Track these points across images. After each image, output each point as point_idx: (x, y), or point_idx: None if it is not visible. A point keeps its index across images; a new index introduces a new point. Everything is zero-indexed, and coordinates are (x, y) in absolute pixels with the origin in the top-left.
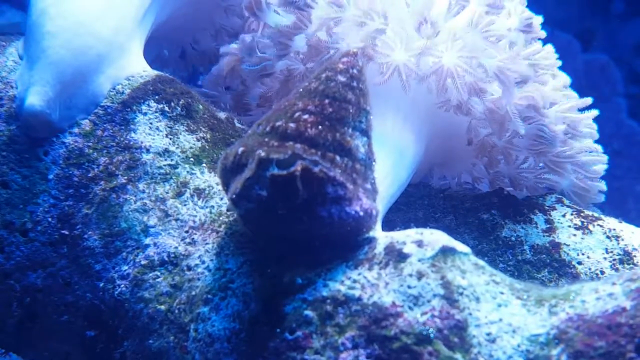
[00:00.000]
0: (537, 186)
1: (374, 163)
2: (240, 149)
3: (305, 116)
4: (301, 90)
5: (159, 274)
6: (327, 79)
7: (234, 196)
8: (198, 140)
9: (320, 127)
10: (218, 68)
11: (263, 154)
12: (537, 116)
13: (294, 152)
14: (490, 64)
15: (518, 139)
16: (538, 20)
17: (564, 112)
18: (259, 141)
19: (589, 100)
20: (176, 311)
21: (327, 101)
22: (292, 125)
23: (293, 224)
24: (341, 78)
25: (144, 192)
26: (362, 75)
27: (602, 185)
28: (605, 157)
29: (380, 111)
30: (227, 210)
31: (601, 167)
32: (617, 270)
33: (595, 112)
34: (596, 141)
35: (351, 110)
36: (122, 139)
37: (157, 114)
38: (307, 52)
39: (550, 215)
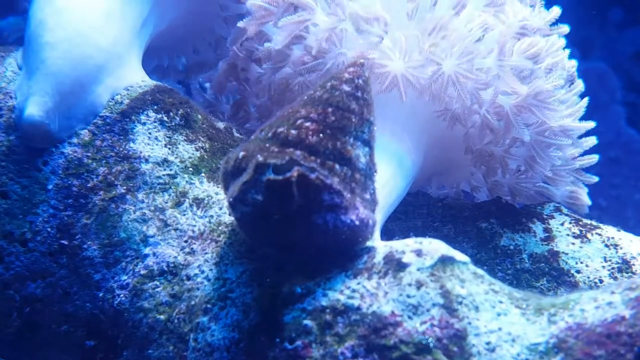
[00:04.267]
0: (535, 195)
1: (375, 173)
2: (241, 154)
3: (307, 124)
4: (305, 98)
5: (158, 283)
6: (332, 87)
7: (231, 199)
8: (197, 150)
9: (321, 135)
10: (216, 77)
11: (261, 158)
12: (541, 119)
13: (292, 158)
14: (491, 67)
15: (516, 148)
16: (541, 21)
17: (565, 118)
18: (260, 146)
19: (585, 103)
20: (176, 321)
21: (330, 110)
22: (293, 132)
23: (288, 230)
24: (346, 87)
25: (143, 202)
26: (368, 85)
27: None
28: (595, 157)
29: (379, 120)
30: (229, 214)
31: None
32: (615, 278)
33: (592, 124)
34: (594, 150)
35: (354, 120)
36: (121, 149)
37: (156, 124)
38: (306, 62)
39: (549, 224)
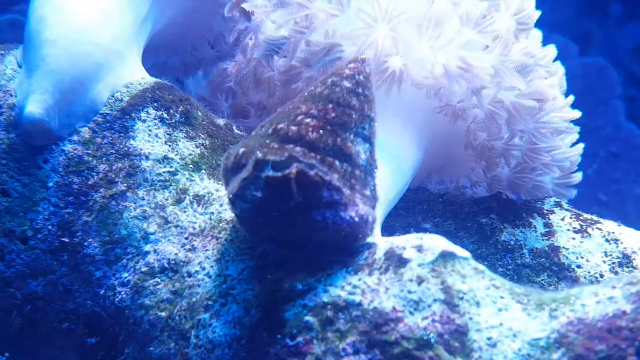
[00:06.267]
0: (534, 190)
1: (375, 170)
2: (241, 150)
3: (308, 120)
4: (306, 94)
5: (159, 281)
6: (333, 84)
7: (231, 196)
8: (197, 147)
9: (321, 131)
10: (215, 75)
11: (260, 155)
12: (540, 114)
13: (291, 154)
14: (491, 62)
15: (516, 141)
16: (531, 5)
17: (560, 110)
18: (260, 143)
19: (572, 99)
20: (177, 318)
21: (330, 106)
22: (293, 128)
23: (287, 227)
24: (347, 84)
25: (143, 199)
26: (369, 82)
27: (578, 177)
28: (581, 147)
29: (380, 116)
30: (229, 211)
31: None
32: (616, 273)
33: (579, 113)
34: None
35: (354, 117)
36: (121, 146)
37: (156, 121)
38: (305, 58)
39: (550, 219)
